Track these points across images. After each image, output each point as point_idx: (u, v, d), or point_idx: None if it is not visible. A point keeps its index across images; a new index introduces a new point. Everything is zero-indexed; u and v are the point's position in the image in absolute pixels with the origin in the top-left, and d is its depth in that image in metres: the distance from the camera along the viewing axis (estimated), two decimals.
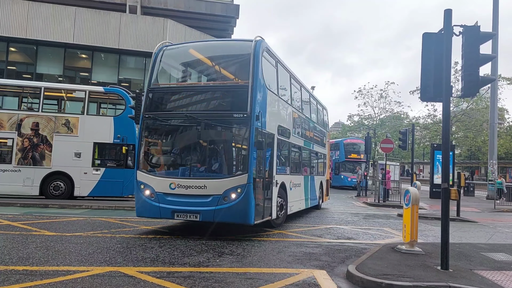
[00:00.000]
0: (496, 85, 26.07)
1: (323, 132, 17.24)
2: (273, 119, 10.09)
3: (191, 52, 10.90)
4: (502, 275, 6.41)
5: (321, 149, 16.69)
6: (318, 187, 15.94)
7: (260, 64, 9.15)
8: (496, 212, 18.98)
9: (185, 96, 9.78)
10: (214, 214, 8.46)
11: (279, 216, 10.47)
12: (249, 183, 8.40)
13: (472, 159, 58.22)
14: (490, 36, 6.98)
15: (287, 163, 11.71)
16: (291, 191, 11.51)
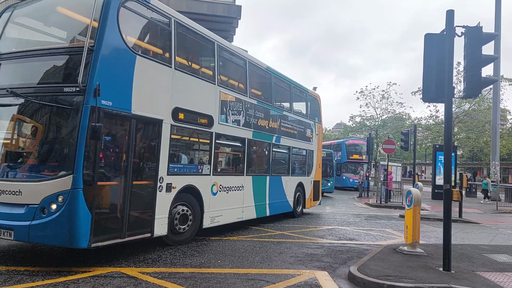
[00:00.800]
0: (498, 86, 25.99)
1: (305, 123, 14.08)
2: (160, 98, 7.38)
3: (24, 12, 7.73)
4: (505, 276, 6.39)
5: (300, 144, 13.68)
6: (293, 190, 13.11)
7: (115, 18, 6.49)
8: (498, 213, 18.93)
9: (13, 67, 7.03)
10: (29, 232, 5.80)
11: (181, 230, 7.90)
12: (75, 188, 5.72)
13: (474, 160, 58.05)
14: (492, 37, 6.96)
15: (206, 160, 8.92)
16: (215, 196, 8.97)
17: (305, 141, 14.03)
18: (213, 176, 8.95)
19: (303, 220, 13.02)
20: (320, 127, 15.62)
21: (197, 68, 9.44)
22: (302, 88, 14.22)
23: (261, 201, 11.13)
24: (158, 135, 7.28)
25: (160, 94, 7.43)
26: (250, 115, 10.51)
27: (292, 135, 13.03)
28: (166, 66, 7.63)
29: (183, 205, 7.98)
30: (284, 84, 13.06)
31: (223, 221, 9.36)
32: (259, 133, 10.93)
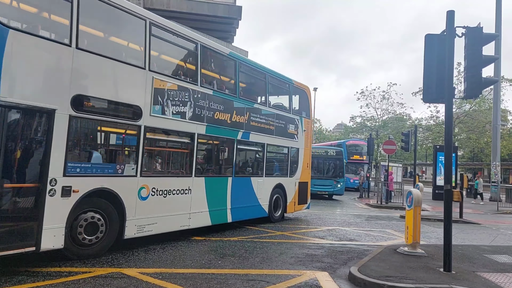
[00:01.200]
0: (499, 86, 25.99)
1: (287, 118, 12.41)
2: (51, 83, 6.10)
3: None
4: (505, 277, 6.39)
5: (280, 141, 12.05)
6: (269, 192, 11.53)
7: None
8: (499, 214, 18.92)
9: None
10: None
11: (88, 242, 6.56)
12: None
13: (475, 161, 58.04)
14: (492, 38, 6.96)
15: (130, 159, 7.47)
16: (145, 201, 7.53)
17: (287, 138, 12.37)
18: (142, 178, 7.46)
19: (303, 221, 13.01)
20: (309, 123, 13.99)
21: (117, 49, 7.77)
22: (284, 79, 12.57)
23: (219, 206, 9.63)
24: (49, 128, 5.94)
25: (52, 78, 6.12)
26: (202, 107, 8.98)
27: (268, 131, 11.45)
28: (63, 44, 6.26)
29: (95, 212, 6.70)
30: (257, 73, 11.52)
31: (158, 230, 7.89)
32: (216, 128, 9.44)
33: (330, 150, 25.06)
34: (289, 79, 12.83)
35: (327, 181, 23.26)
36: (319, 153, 24.13)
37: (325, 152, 24.70)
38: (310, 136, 14.20)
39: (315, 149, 23.22)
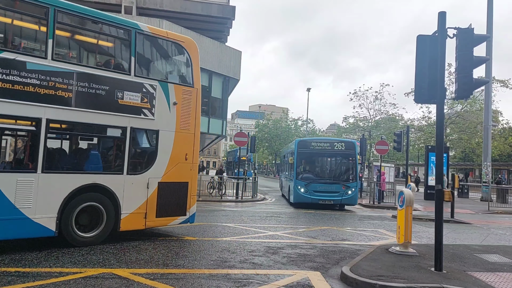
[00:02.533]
0: (490, 87, 26.22)
1: (120, 83, 8.10)
2: None
3: None
4: (496, 276, 6.44)
5: (90, 117, 7.69)
6: (59, 198, 7.20)
7: None
8: (490, 213, 19.08)
9: None
10: None
11: None
12: None
13: (467, 161, 58.51)
14: (484, 39, 7.02)
15: None
16: None
17: (118, 113, 8.04)
18: None
19: (297, 220, 13.03)
20: (190, 93, 9.19)
21: None
22: (111, 19, 8.42)
23: None
24: None
25: None
26: None
27: (52, 99, 7.17)
28: None
29: None
30: None
31: None
32: None
33: (337, 143, 18.11)
34: (129, 23, 8.59)
35: (332, 186, 17.15)
36: (321, 148, 17.91)
37: (330, 146, 17.89)
38: (194, 112, 9.28)
39: (315, 142, 18.28)
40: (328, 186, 17.15)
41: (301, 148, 17.87)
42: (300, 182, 17.22)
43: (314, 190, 16.96)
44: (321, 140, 18.98)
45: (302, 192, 17.02)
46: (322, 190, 17.03)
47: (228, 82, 27.14)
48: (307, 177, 17.57)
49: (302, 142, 18.60)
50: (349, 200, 17.26)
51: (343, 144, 17.90)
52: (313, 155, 18.31)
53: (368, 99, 43.05)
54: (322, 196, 16.99)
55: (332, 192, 17.07)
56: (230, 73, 27.15)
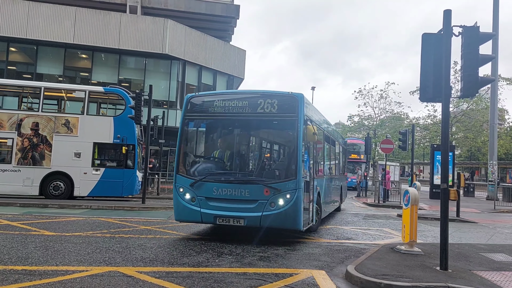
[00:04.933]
0: (496, 85, 26.05)
1: None
2: None
3: None
4: (501, 275, 6.41)
5: None
6: None
7: None
8: (496, 212, 18.98)
9: None
10: None
11: None
12: None
13: (472, 160, 58.21)
14: (489, 37, 6.97)
15: None
16: None
17: None
18: None
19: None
20: None
21: None
22: None
23: None
24: None
25: None
26: None
27: None
28: None
29: None
30: None
31: None
32: None
33: (261, 100, 8.61)
34: None
35: (242, 188, 8.36)
36: (229, 112, 8.84)
37: (247, 106, 8.75)
38: None
39: (219, 100, 9.06)
40: (235, 189, 8.33)
41: (192, 114, 9.13)
42: (182, 181, 8.71)
43: (209, 198, 8.43)
44: (229, 96, 9.49)
45: (187, 201, 8.57)
46: (223, 198, 8.37)
47: (232, 81, 27.17)
48: (197, 170, 9.00)
49: (194, 100, 9.16)
50: (278, 218, 8.06)
51: (273, 102, 8.48)
52: (213, 125, 9.70)
53: (373, 97, 42.92)
54: (223, 210, 8.36)
55: (242, 202, 8.25)
56: (234, 72, 27.17)
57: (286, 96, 8.65)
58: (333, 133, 14.35)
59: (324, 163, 11.77)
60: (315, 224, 9.87)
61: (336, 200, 14.66)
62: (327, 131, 12.23)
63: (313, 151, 9.67)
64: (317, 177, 10.22)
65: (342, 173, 17.33)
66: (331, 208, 13.35)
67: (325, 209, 11.48)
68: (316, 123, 9.87)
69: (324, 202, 11.15)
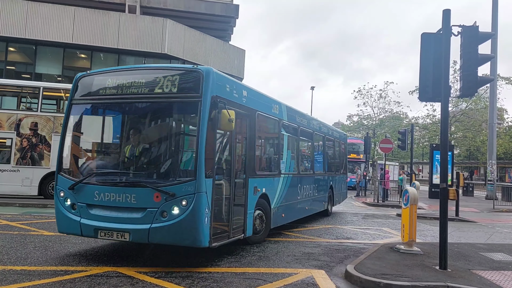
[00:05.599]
0: (495, 85, 26.07)
1: None
2: None
3: None
4: (501, 275, 6.42)
5: None
6: None
7: None
8: (495, 212, 19.00)
9: None
10: None
11: None
12: None
13: (471, 159, 58.26)
14: (488, 36, 6.98)
15: None
16: None
17: None
18: None
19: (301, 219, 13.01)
20: None
21: None
22: None
23: None
24: None
25: None
26: None
27: None
28: None
29: None
30: None
31: None
32: None
33: (160, 77, 6.54)
34: None
35: (128, 193, 6.23)
36: (122, 92, 6.72)
37: (143, 85, 6.64)
38: None
39: (113, 78, 6.92)
40: (120, 194, 6.32)
41: (80, 97, 7.21)
42: (64, 183, 6.80)
43: (90, 205, 6.51)
44: (123, 73, 7.22)
45: (67, 209, 6.69)
46: (107, 205, 6.43)
47: None
48: (81, 169, 7.22)
49: (84, 80, 7.25)
50: (171, 231, 6.02)
51: (174, 80, 6.54)
52: (103, 111, 7.72)
53: (372, 97, 42.91)
54: (105, 221, 6.36)
55: (128, 211, 6.27)
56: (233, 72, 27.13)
57: (188, 71, 6.57)
58: (310, 125, 12.15)
59: (282, 159, 9.64)
60: (259, 235, 8.30)
61: (319, 202, 12.94)
62: (289, 121, 10.21)
63: (246, 142, 7.75)
64: (261, 176, 8.41)
65: (336, 171, 15.35)
66: (302, 213, 11.37)
67: (283, 215, 9.62)
68: (251, 107, 7.88)
69: (280, 206, 9.36)
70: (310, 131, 12.06)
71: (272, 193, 8.90)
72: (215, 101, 6.35)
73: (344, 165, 16.89)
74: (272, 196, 8.87)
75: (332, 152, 15.08)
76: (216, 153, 6.67)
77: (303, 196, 11.18)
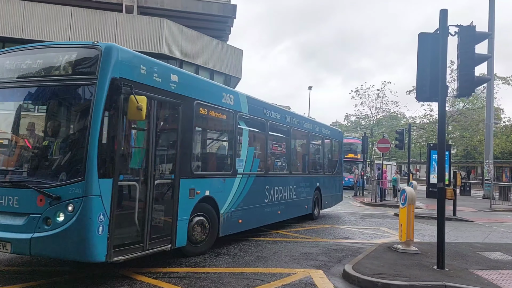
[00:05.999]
0: (492, 84, 26.15)
1: None
2: None
3: None
4: (498, 274, 6.44)
5: None
6: None
7: None
8: (492, 211, 19.05)
9: None
10: None
11: None
12: None
13: (468, 159, 58.41)
14: (485, 36, 7.01)
15: None
16: None
17: None
18: None
19: (299, 219, 13.03)
20: None
21: None
22: None
23: None
24: None
25: None
26: None
27: None
28: None
29: None
30: None
31: None
32: None
33: (53, 53, 5.71)
34: None
35: (14, 193, 5.26)
36: (13, 76, 5.85)
37: (40, 68, 5.69)
38: None
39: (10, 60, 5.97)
40: (2, 196, 5.33)
41: None
42: None
43: None
44: (19, 53, 6.08)
45: None
46: None
47: (229, 80, 27.10)
48: None
49: None
50: (55, 243, 4.94)
51: (71, 59, 5.55)
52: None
53: (370, 97, 42.96)
54: None
55: (10, 216, 5.25)
56: (231, 72, 27.11)
57: (85, 48, 5.56)
58: (286, 120, 10.78)
59: (238, 157, 8.56)
60: (200, 245, 7.23)
61: (298, 205, 11.52)
62: (251, 114, 9.03)
63: (178, 136, 6.54)
64: (201, 176, 7.34)
65: (325, 172, 13.95)
66: (272, 218, 10.05)
67: (240, 221, 8.37)
68: (186, 95, 6.73)
69: (235, 211, 8.19)
70: (285, 126, 10.83)
71: (221, 196, 7.73)
72: (117, 84, 5.28)
73: (337, 165, 15.31)
74: (221, 200, 7.71)
75: (320, 151, 13.86)
76: (121, 148, 5.45)
77: (274, 199, 9.93)
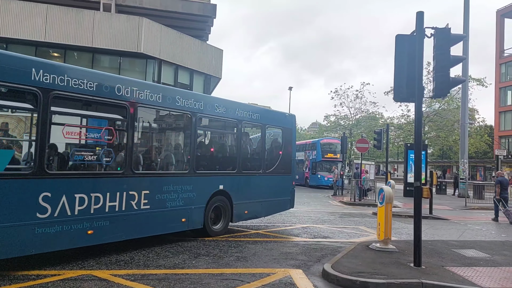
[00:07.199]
0: (466, 86, 26.80)
1: None
2: None
3: None
4: (473, 271, 6.59)
5: None
6: None
7: None
8: (467, 209, 19.51)
9: None
10: None
11: None
12: None
13: (444, 158, 59.75)
14: (460, 38, 7.17)
15: None
16: None
17: None
18: None
19: (277, 218, 13.07)
20: None
21: None
22: None
23: None
24: None
25: None
26: None
27: None
28: None
29: None
30: None
31: None
32: None
33: None
34: None
35: None
36: None
37: None
38: None
39: None
40: None
41: None
42: None
43: None
44: None
45: None
46: None
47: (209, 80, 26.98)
48: None
49: None
50: None
51: None
52: None
53: (349, 97, 43.44)
54: None
55: None
56: (211, 72, 26.99)
57: None
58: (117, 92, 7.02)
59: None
60: None
61: (165, 219, 7.82)
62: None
63: None
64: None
65: (248, 170, 10.07)
66: (78, 241, 6.39)
67: None
68: None
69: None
70: (122, 102, 7.11)
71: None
72: None
73: (282, 161, 10.97)
74: None
75: (231, 142, 10.32)
76: None
77: (83, 212, 6.40)
